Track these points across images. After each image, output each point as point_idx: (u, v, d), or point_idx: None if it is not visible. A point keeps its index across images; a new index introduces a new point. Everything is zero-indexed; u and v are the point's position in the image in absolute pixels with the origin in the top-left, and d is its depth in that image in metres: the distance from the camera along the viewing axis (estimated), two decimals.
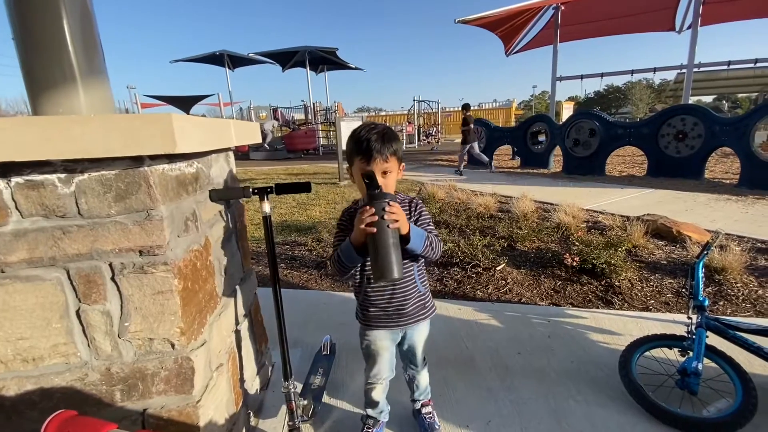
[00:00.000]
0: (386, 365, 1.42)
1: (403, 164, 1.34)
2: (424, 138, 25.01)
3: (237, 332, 1.45)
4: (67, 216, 0.96)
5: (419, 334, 1.43)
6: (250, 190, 1.35)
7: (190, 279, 1.11)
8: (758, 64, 13.94)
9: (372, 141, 1.19)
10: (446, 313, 2.56)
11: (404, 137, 23.15)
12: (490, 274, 3.14)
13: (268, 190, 1.38)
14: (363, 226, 1.06)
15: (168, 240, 1.02)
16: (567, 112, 20.54)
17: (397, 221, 1.08)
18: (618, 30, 16.18)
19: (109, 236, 0.98)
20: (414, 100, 24.78)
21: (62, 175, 0.94)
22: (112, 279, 1.01)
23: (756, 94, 29.51)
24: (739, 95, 37.03)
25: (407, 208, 1.31)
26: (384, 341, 1.38)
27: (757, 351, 1.75)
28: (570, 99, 35.59)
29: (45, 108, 1.17)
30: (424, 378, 1.53)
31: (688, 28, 11.01)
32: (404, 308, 1.33)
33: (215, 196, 1.31)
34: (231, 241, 1.47)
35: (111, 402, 1.06)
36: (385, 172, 1.23)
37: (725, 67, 14.43)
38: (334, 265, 1.25)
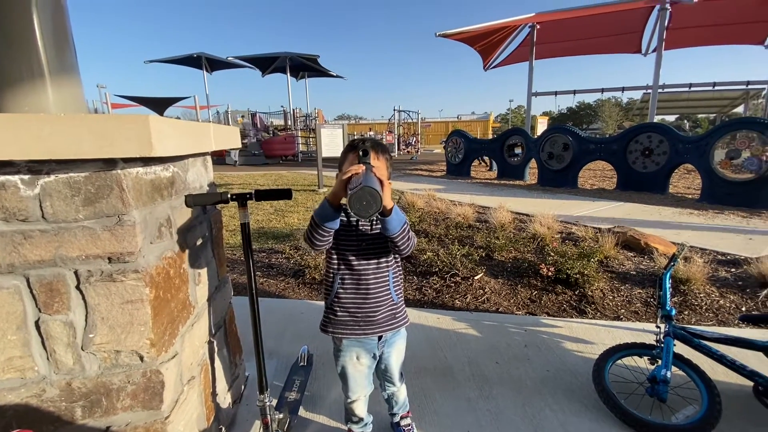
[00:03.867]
0: (363, 382, 1.39)
1: (391, 182, 1.35)
2: (404, 147, 25.24)
3: (210, 343, 1.40)
4: (29, 220, 0.90)
5: (396, 353, 1.41)
6: (228, 195, 1.32)
7: (162, 287, 1.06)
8: (716, 87, 14.86)
9: (367, 141, 1.27)
10: (425, 323, 2.56)
11: None
12: (469, 283, 3.17)
13: (247, 196, 1.34)
14: (347, 176, 1.08)
15: (140, 246, 0.97)
16: (541, 126, 21.23)
17: (380, 176, 1.10)
18: (589, 50, 16.97)
19: (75, 242, 0.93)
20: (394, 110, 25.03)
21: (26, 177, 0.88)
22: (77, 287, 0.95)
23: (714, 114, 31.49)
24: (700, 115, 39.33)
25: None
26: (361, 359, 1.35)
27: (719, 359, 1.83)
28: (545, 114, 36.85)
29: (9, 105, 1.11)
30: (402, 393, 1.51)
31: (653, 51, 11.65)
32: (375, 315, 1.31)
33: (191, 201, 1.26)
34: (206, 248, 1.42)
35: (71, 419, 0.99)
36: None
37: (687, 88, 15.28)
38: (307, 232, 1.23)
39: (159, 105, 26.13)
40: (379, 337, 1.35)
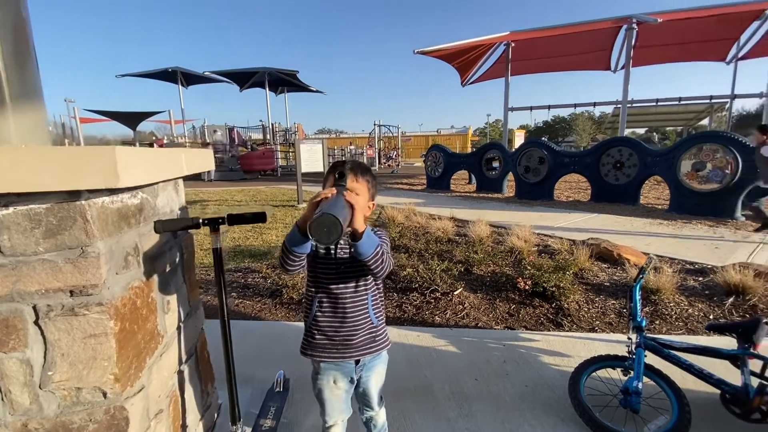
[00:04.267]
0: (341, 406, 1.36)
1: (374, 203, 1.36)
2: (384, 161, 25.43)
3: (180, 373, 1.36)
4: None
5: (375, 377, 1.38)
6: (200, 220, 1.30)
7: (128, 319, 1.03)
8: (682, 102, 15.67)
9: (347, 163, 1.28)
10: (406, 341, 2.55)
11: (365, 160, 23.44)
12: (448, 299, 3.18)
13: (220, 220, 1.33)
14: (317, 199, 1.09)
15: (105, 278, 0.94)
16: (519, 139, 21.78)
17: (351, 201, 1.08)
18: (562, 67, 17.69)
19: (34, 276, 0.90)
20: (375, 125, 25.29)
21: None
22: (36, 323, 0.91)
23: (681, 127, 33.08)
24: (668, 128, 41.22)
25: None
26: (338, 383, 1.34)
27: (688, 368, 1.89)
28: (521, 127, 37.85)
29: None
30: (380, 417, 1.48)
31: (622, 68, 12.20)
32: (352, 339, 1.29)
33: (161, 227, 1.24)
34: (177, 274, 1.39)
35: None
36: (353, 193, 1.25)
37: (654, 103, 16.05)
38: (279, 256, 1.23)
39: (131, 119, 25.57)
40: (357, 361, 1.33)
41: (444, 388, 2.07)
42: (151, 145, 24.41)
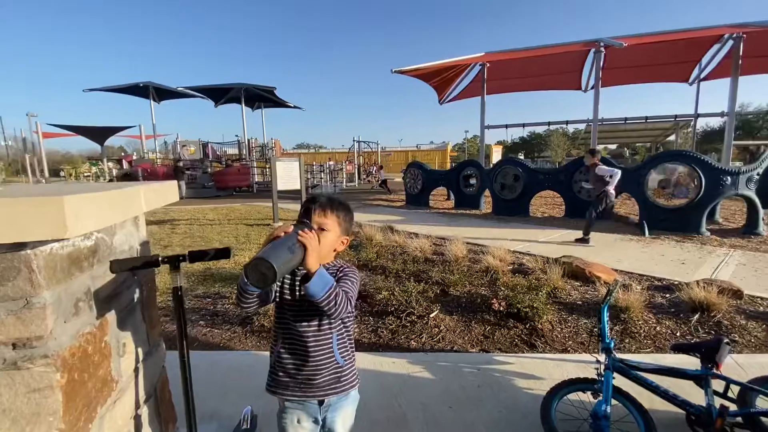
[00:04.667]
0: None
1: (347, 238, 1.35)
2: (365, 176, 25.53)
3: (137, 417, 1.30)
4: None
5: (342, 418, 1.34)
6: (159, 258, 1.26)
7: (77, 369, 0.99)
8: (648, 121, 16.42)
9: (319, 197, 1.30)
10: (380, 368, 2.52)
11: (345, 176, 23.47)
12: (424, 322, 3.18)
13: (181, 258, 1.30)
14: (272, 237, 1.10)
15: (51, 329, 0.90)
16: (496, 155, 22.32)
17: (304, 241, 1.08)
18: (536, 87, 18.35)
19: None
20: (354, 141, 25.45)
21: None
22: None
23: (649, 144, 34.60)
24: (638, 144, 43.04)
25: (333, 273, 1.28)
26: (302, 423, 1.30)
27: (654, 389, 1.94)
28: (499, 143, 38.80)
29: None
30: None
31: (592, 88, 12.73)
32: (315, 378, 1.26)
33: (117, 267, 1.20)
34: (135, 312, 1.34)
35: None
36: (321, 229, 1.24)
37: (623, 121, 16.76)
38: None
39: (98, 135, 24.87)
40: (321, 401, 1.30)
41: (418, 418, 2.05)
42: (119, 161, 23.75)
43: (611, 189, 6.18)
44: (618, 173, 6.22)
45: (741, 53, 10.91)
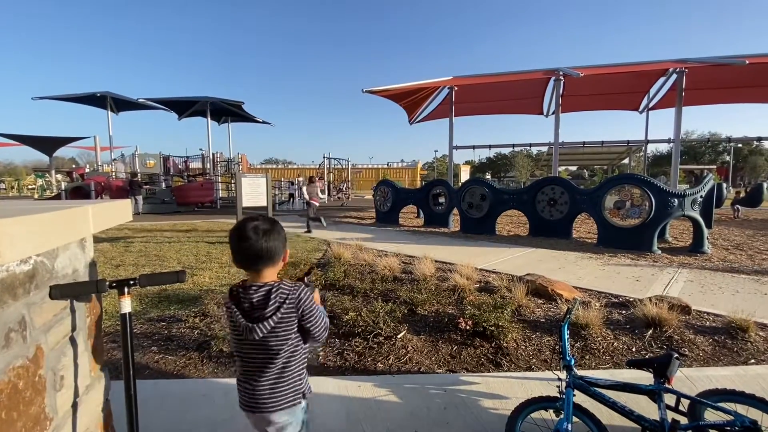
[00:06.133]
0: None
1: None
2: (335, 193, 25.45)
3: None
4: None
5: None
6: (106, 283, 1.19)
7: (5, 407, 0.89)
8: (604, 145, 17.44)
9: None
10: (346, 393, 2.45)
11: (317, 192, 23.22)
12: (392, 343, 3.14)
13: (131, 282, 1.23)
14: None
15: None
16: (465, 174, 22.92)
17: None
18: (501, 110, 19.18)
19: None
20: (324, 157, 25.40)
21: None
22: None
23: (606, 166, 36.75)
24: (595, 166, 45.69)
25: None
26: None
27: (612, 405, 1.98)
28: (467, 163, 39.98)
29: None
30: None
31: (553, 113, 13.43)
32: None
33: (58, 293, 1.11)
34: (76, 342, 1.24)
35: None
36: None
37: (582, 145, 17.71)
38: None
39: (47, 145, 23.42)
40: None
41: None
42: (69, 173, 22.45)
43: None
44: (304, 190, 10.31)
45: (684, 86, 11.90)
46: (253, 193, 8.20)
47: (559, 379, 2.05)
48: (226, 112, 22.05)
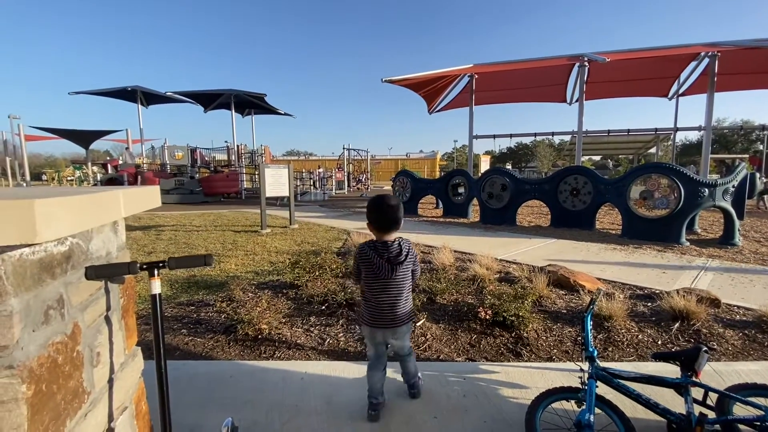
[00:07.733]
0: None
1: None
2: (354, 184, 25.55)
3: (111, 431, 1.25)
4: None
5: None
6: (137, 265, 1.23)
7: (45, 380, 0.95)
8: (630, 133, 16.84)
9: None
10: None
11: (334, 183, 23.46)
12: (412, 330, 3.16)
13: (160, 265, 1.27)
14: None
15: (18, 338, 0.87)
16: (485, 164, 22.59)
17: None
18: (523, 98, 18.69)
19: None
20: (344, 148, 25.48)
21: None
22: None
23: (631, 156, 35.49)
24: (620, 156, 44.19)
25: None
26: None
27: (636, 397, 1.95)
28: (487, 153, 39.28)
29: None
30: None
31: (577, 101, 13.02)
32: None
33: (93, 274, 1.17)
34: (111, 321, 1.30)
35: None
36: None
37: (606, 134, 17.15)
38: None
39: (84, 138, 24.31)
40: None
41: (402, 428, 2.02)
42: (104, 165, 23.31)
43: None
44: None
45: (716, 70, 11.32)
46: (276, 183, 8.31)
47: (581, 370, 2.02)
48: (250, 104, 22.37)
